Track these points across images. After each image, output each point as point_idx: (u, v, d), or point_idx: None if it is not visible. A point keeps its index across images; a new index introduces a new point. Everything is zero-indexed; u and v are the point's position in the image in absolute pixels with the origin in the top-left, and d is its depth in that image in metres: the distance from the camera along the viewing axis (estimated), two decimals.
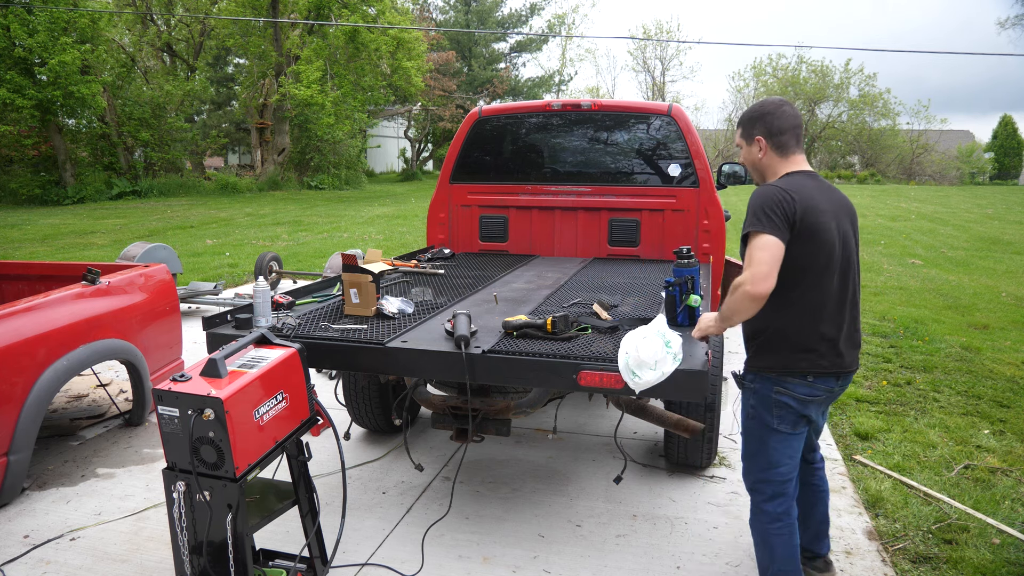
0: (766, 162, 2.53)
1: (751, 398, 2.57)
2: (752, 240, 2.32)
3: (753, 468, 2.60)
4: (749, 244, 2.33)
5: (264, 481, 2.83)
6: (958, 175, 44.75)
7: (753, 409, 2.57)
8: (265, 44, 26.07)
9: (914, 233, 15.84)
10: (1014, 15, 41.89)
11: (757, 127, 2.51)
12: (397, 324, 3.16)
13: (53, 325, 3.80)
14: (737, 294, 2.33)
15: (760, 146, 2.51)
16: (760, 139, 2.51)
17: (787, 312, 2.42)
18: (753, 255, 2.29)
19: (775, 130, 2.49)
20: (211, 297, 7.75)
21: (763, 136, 2.50)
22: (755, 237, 2.31)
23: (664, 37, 48.59)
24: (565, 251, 5.21)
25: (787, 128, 2.48)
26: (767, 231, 2.29)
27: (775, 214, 2.31)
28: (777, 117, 2.49)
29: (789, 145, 2.49)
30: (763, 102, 2.57)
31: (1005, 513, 3.51)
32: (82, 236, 14.27)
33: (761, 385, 2.51)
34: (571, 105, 5.10)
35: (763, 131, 2.50)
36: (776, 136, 2.49)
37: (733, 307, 2.38)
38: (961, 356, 6.28)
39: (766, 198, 2.35)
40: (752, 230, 2.32)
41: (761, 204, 2.34)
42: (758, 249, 2.28)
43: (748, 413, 2.60)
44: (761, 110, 2.53)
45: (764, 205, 2.33)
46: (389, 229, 15.70)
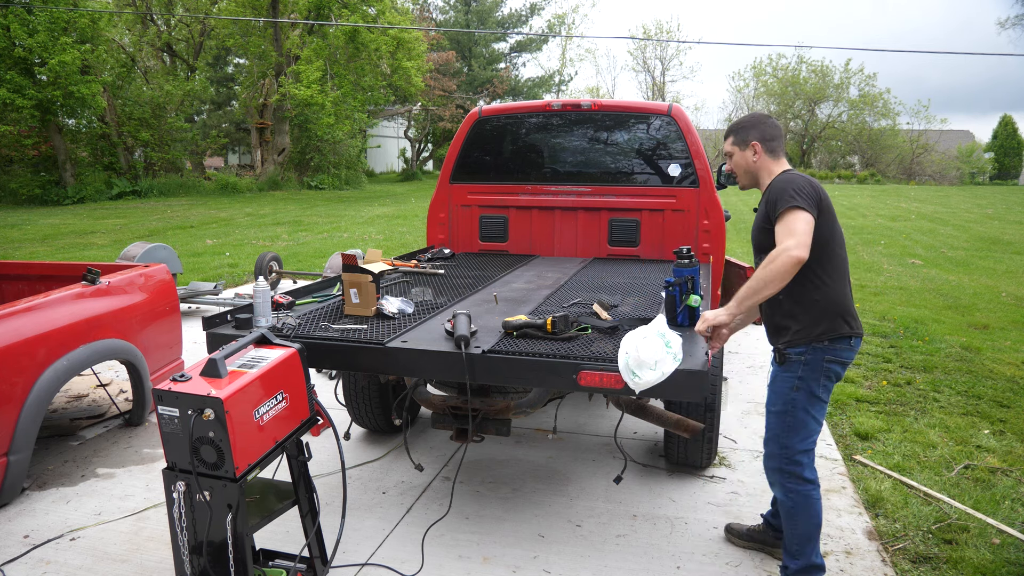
0: (761, 164, 2.79)
1: (799, 370, 2.66)
2: (788, 215, 2.53)
3: (794, 441, 2.69)
4: (786, 219, 2.53)
5: (264, 481, 2.83)
6: (958, 175, 44.77)
7: (800, 381, 2.66)
8: (265, 44, 26.07)
9: (914, 233, 15.84)
10: (1014, 15, 41.92)
11: (752, 133, 2.79)
12: (397, 324, 3.16)
13: (53, 325, 3.80)
14: (779, 261, 2.46)
15: (755, 150, 2.79)
16: (756, 144, 2.78)
17: (830, 280, 2.64)
18: (794, 226, 2.50)
19: (768, 136, 2.79)
20: (211, 297, 7.75)
21: (758, 141, 2.78)
22: (792, 212, 2.52)
23: (664, 37, 48.64)
24: (565, 251, 5.21)
25: (777, 135, 2.81)
26: (802, 207, 2.53)
27: (806, 193, 2.56)
28: (769, 126, 2.81)
29: (779, 149, 2.81)
30: (753, 114, 2.90)
31: (1005, 513, 3.52)
32: (82, 236, 14.28)
33: (813, 356, 2.64)
34: (571, 105, 5.10)
35: (758, 136, 2.78)
36: (769, 141, 2.78)
37: (767, 276, 2.48)
38: (961, 356, 6.28)
39: (794, 181, 2.61)
40: (789, 206, 2.53)
41: (792, 186, 2.59)
42: (798, 221, 2.50)
43: (792, 386, 2.67)
44: (754, 120, 2.85)
45: (794, 186, 2.58)
46: (389, 229, 15.70)
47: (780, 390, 2.71)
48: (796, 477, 2.71)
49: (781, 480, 2.74)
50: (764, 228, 2.67)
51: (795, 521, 2.74)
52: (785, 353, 2.70)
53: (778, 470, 2.74)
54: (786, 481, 2.72)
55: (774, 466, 2.76)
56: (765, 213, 2.67)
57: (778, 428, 2.72)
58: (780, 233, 2.53)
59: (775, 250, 2.50)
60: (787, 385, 2.68)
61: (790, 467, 2.71)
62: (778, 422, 2.72)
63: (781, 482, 2.74)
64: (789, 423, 2.68)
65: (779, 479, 2.75)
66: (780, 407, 2.71)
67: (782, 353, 2.71)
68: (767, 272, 2.48)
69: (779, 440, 2.72)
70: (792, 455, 2.70)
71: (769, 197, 2.65)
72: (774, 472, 2.77)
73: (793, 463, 2.70)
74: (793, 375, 2.67)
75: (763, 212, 2.69)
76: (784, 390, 2.69)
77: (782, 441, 2.71)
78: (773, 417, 2.74)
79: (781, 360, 2.71)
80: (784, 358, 2.70)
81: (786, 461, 2.71)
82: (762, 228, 2.69)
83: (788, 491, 2.73)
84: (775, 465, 2.76)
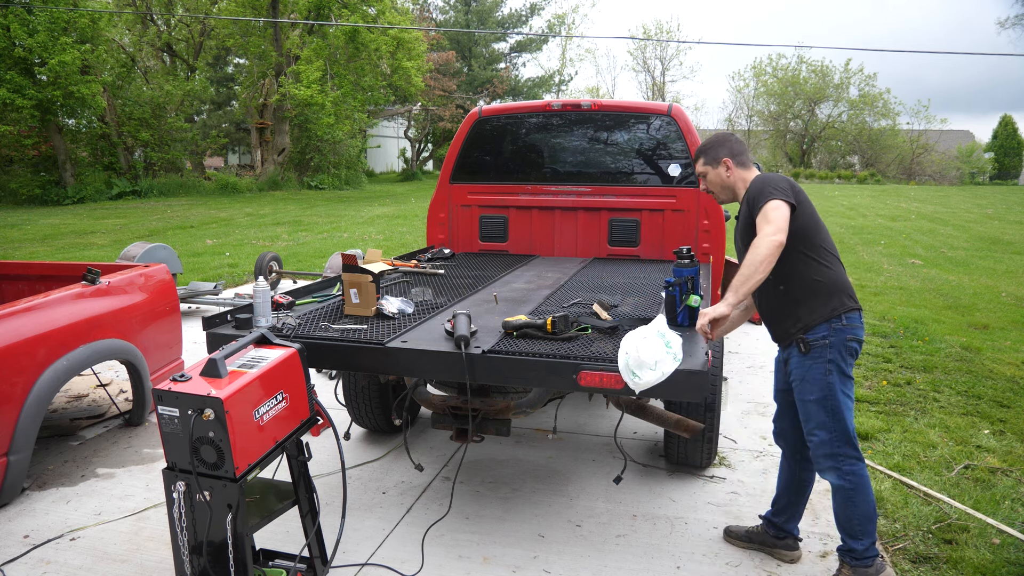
0: (735, 176, 2.95)
1: (827, 353, 2.70)
2: (766, 206, 2.67)
3: (840, 422, 2.71)
4: (764, 210, 2.67)
5: (264, 481, 2.83)
6: (958, 175, 44.75)
7: (831, 364, 2.70)
8: (265, 44, 26.07)
9: (914, 233, 15.84)
10: (1014, 15, 41.91)
11: (722, 151, 2.96)
12: (397, 324, 3.16)
13: (53, 325, 3.80)
14: (761, 246, 2.58)
15: (727, 165, 2.95)
16: (727, 159, 2.95)
17: (825, 261, 2.77)
18: (771, 214, 2.65)
19: (736, 151, 2.98)
20: (211, 297, 7.75)
21: (728, 157, 2.95)
22: (769, 202, 2.68)
23: (664, 37, 48.65)
24: (565, 251, 5.21)
25: (744, 149, 3.01)
26: (778, 197, 2.68)
27: (782, 187, 2.73)
28: (734, 142, 3.01)
29: (748, 161, 2.99)
30: (716, 135, 3.06)
31: (1005, 513, 3.51)
32: (82, 236, 14.28)
33: (835, 337, 2.71)
34: (571, 105, 5.10)
35: (727, 153, 2.96)
36: (739, 155, 2.97)
37: (751, 260, 2.59)
38: (961, 356, 6.28)
39: (770, 179, 2.80)
40: (767, 199, 2.68)
41: (769, 183, 2.76)
42: (773, 210, 2.65)
43: (825, 371, 2.70)
44: (720, 139, 3.02)
45: (771, 183, 2.76)
46: (389, 229, 15.70)
47: (814, 378, 2.72)
48: (850, 457, 2.72)
49: (836, 464, 2.74)
50: (749, 226, 2.79)
51: (855, 502, 2.74)
52: (808, 341, 2.73)
53: (831, 455, 2.74)
54: (842, 464, 2.73)
55: (826, 452, 2.75)
56: (749, 213, 2.80)
57: (822, 415, 2.72)
58: (759, 223, 2.68)
59: (756, 238, 2.63)
60: (819, 371, 2.71)
61: (843, 448, 2.72)
62: (820, 409, 2.72)
63: (836, 466, 2.74)
64: (832, 407, 2.70)
65: (833, 464, 2.74)
66: (818, 395, 2.72)
67: (806, 342, 2.73)
68: (752, 258, 2.59)
69: (826, 427, 2.72)
70: (845, 435, 2.72)
71: (749, 198, 2.81)
72: (827, 458, 2.75)
73: (846, 443, 2.72)
74: (823, 360, 2.70)
75: (746, 213, 2.82)
76: (818, 377, 2.72)
77: (829, 426, 2.72)
78: (813, 406, 2.74)
79: (807, 349, 2.73)
80: (809, 346, 2.73)
81: (839, 443, 2.72)
82: (747, 228, 2.81)
83: (845, 474, 2.73)
84: (827, 451, 2.74)
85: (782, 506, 3.13)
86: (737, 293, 2.61)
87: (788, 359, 2.87)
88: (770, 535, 3.15)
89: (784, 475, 3.12)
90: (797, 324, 2.76)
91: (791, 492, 3.10)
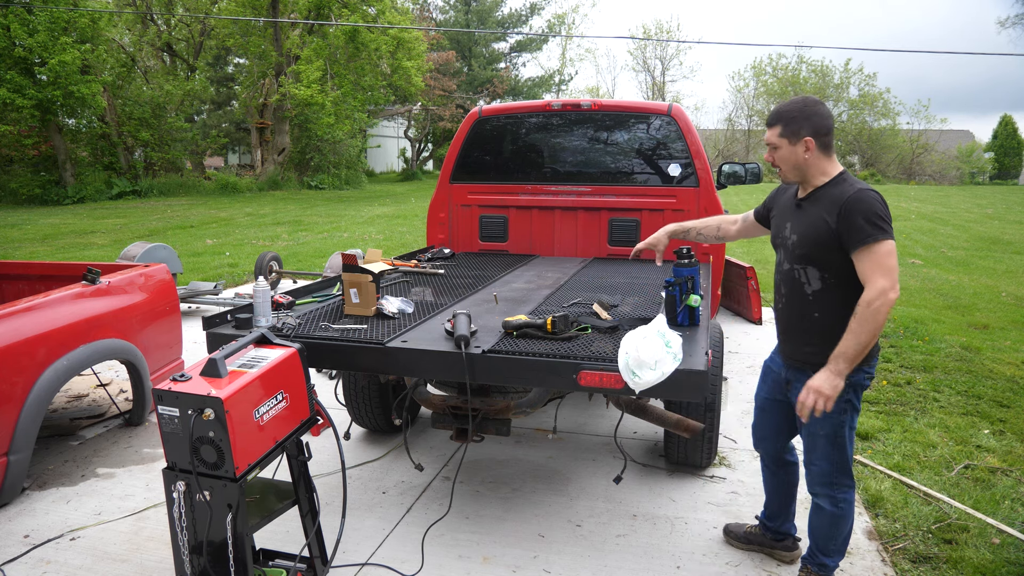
0: (812, 162, 2.54)
1: (847, 392, 2.53)
2: (880, 248, 2.37)
3: (844, 457, 2.64)
4: (878, 253, 2.37)
5: (264, 481, 2.83)
6: (958, 175, 44.75)
7: (848, 404, 2.57)
8: (265, 44, 26.06)
9: (914, 233, 15.84)
10: (1014, 14, 41.93)
11: (805, 127, 2.52)
12: (397, 324, 3.16)
13: (53, 325, 3.80)
14: (880, 307, 2.34)
15: (808, 146, 2.53)
16: (809, 140, 2.52)
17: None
18: (887, 263, 2.37)
19: (822, 130, 2.52)
20: (211, 297, 7.74)
21: (812, 136, 2.52)
22: (884, 244, 2.37)
23: (664, 37, 48.60)
24: (565, 251, 5.21)
25: (831, 127, 2.55)
26: (891, 236, 2.40)
27: (888, 218, 2.42)
28: (822, 117, 2.53)
29: (832, 144, 2.57)
30: (804, 100, 2.57)
31: (1005, 513, 3.51)
32: (82, 236, 14.27)
33: (857, 376, 2.54)
34: (571, 105, 5.10)
35: (811, 131, 2.52)
36: (824, 136, 2.53)
37: (871, 326, 2.35)
38: (961, 356, 6.28)
39: (879, 203, 2.41)
40: (880, 238, 2.37)
41: (880, 210, 2.40)
42: (889, 256, 2.37)
43: (841, 409, 2.55)
44: (806, 109, 2.54)
45: (880, 211, 2.40)
46: (389, 229, 15.70)
47: (828, 415, 2.53)
48: (845, 486, 2.68)
49: (832, 493, 2.68)
50: (828, 246, 2.47)
51: (839, 527, 2.72)
52: None
53: (830, 484, 2.68)
54: (837, 492, 2.68)
55: (825, 481, 2.68)
56: (834, 230, 2.44)
57: (828, 448, 2.63)
58: (871, 269, 2.37)
59: (872, 293, 2.34)
60: (836, 409, 2.53)
61: (841, 478, 2.66)
62: (828, 443, 2.62)
63: (832, 495, 2.68)
64: (840, 443, 2.62)
65: (829, 492, 2.69)
66: (830, 430, 2.59)
67: None
68: (870, 322, 2.34)
69: (830, 459, 2.64)
70: (845, 467, 2.66)
71: (846, 215, 2.41)
72: (825, 487, 2.69)
73: (845, 474, 2.66)
74: (841, 399, 2.52)
75: (831, 227, 2.45)
76: (834, 414, 2.55)
77: (833, 459, 2.64)
78: (822, 440, 2.62)
79: None
80: None
81: (838, 474, 2.66)
82: (825, 244, 2.48)
83: (839, 501, 2.68)
84: (827, 480, 2.68)
85: (774, 510, 3.11)
86: (852, 364, 2.41)
87: (794, 381, 2.69)
88: (768, 537, 3.15)
89: (770, 482, 3.09)
90: (819, 356, 2.51)
91: (780, 496, 3.08)
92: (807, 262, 2.56)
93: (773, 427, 2.94)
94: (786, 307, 2.70)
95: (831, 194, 2.50)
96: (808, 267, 2.57)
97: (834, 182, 2.53)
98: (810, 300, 2.57)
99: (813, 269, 2.56)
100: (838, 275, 2.50)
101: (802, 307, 2.60)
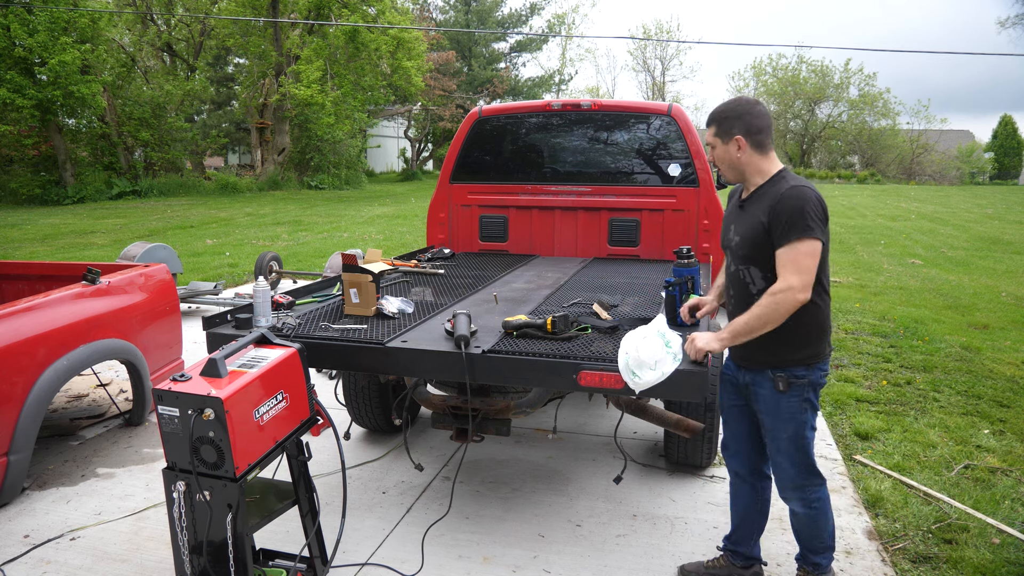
0: (747, 160, 2.57)
1: (805, 391, 2.55)
2: (801, 246, 2.37)
3: (808, 459, 2.63)
4: (797, 250, 2.37)
5: (264, 481, 2.83)
6: (958, 175, 44.77)
7: (807, 402, 2.57)
8: (265, 44, 26.07)
9: (914, 233, 15.83)
10: (1014, 14, 41.91)
11: (736, 126, 2.55)
12: (397, 324, 3.16)
13: (53, 325, 3.80)
14: (782, 301, 2.37)
15: (739, 144, 2.55)
16: (740, 138, 2.54)
17: (820, 302, 2.52)
18: (803, 262, 2.37)
19: (754, 128, 2.54)
20: (211, 297, 7.75)
21: (743, 135, 2.54)
22: (806, 242, 2.37)
23: (664, 37, 48.67)
24: (565, 251, 5.21)
25: (764, 126, 2.55)
26: (817, 236, 2.38)
27: (821, 218, 2.41)
28: (755, 116, 2.55)
29: (767, 142, 2.57)
30: (738, 101, 2.61)
31: (1005, 513, 3.51)
32: (82, 236, 14.27)
33: (813, 375, 2.56)
34: (571, 105, 5.10)
35: (742, 130, 2.54)
36: (755, 134, 2.54)
37: (768, 316, 2.39)
38: (961, 356, 6.28)
39: (813, 201, 2.40)
40: (804, 236, 2.37)
41: (810, 208, 2.38)
42: (808, 256, 2.37)
43: (800, 409, 2.56)
44: (738, 108, 2.57)
45: (813, 210, 2.39)
46: (389, 229, 15.70)
47: (789, 415, 2.57)
48: (814, 485, 2.66)
49: (802, 495, 2.67)
50: (764, 244, 2.48)
51: (819, 524, 2.71)
52: (788, 379, 2.55)
53: (799, 487, 2.66)
54: (808, 493, 2.66)
55: (793, 484, 2.67)
56: (767, 228, 2.45)
57: (792, 450, 2.62)
58: (786, 265, 2.39)
59: (778, 286, 2.38)
60: (795, 409, 2.57)
61: (810, 479, 2.65)
62: (792, 445, 2.61)
63: (803, 497, 2.67)
64: (802, 444, 2.61)
65: (800, 495, 2.67)
66: (791, 431, 2.59)
67: (785, 381, 2.55)
68: (767, 312, 2.39)
69: (794, 459, 2.63)
70: (811, 468, 2.64)
71: (777, 212, 2.42)
72: (794, 490, 2.68)
73: (812, 474, 2.65)
74: (800, 398, 2.56)
75: (765, 225, 2.46)
76: (794, 414, 2.57)
77: (797, 460, 2.63)
78: (785, 442, 2.61)
79: (785, 388, 2.55)
80: (788, 385, 2.55)
81: (806, 475, 2.65)
82: (760, 243, 2.49)
83: (811, 502, 2.67)
84: (794, 484, 2.67)
85: (744, 533, 2.94)
86: (735, 339, 2.48)
87: (751, 384, 2.66)
88: (737, 566, 2.96)
89: (742, 499, 2.92)
90: (771, 358, 2.55)
91: (754, 514, 2.91)
92: (749, 262, 2.57)
93: (744, 435, 2.84)
94: (735, 309, 2.67)
95: (768, 193, 2.51)
96: (750, 267, 2.57)
97: (772, 181, 2.54)
98: (755, 299, 2.53)
99: (755, 269, 2.56)
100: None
101: (747, 306, 2.55)
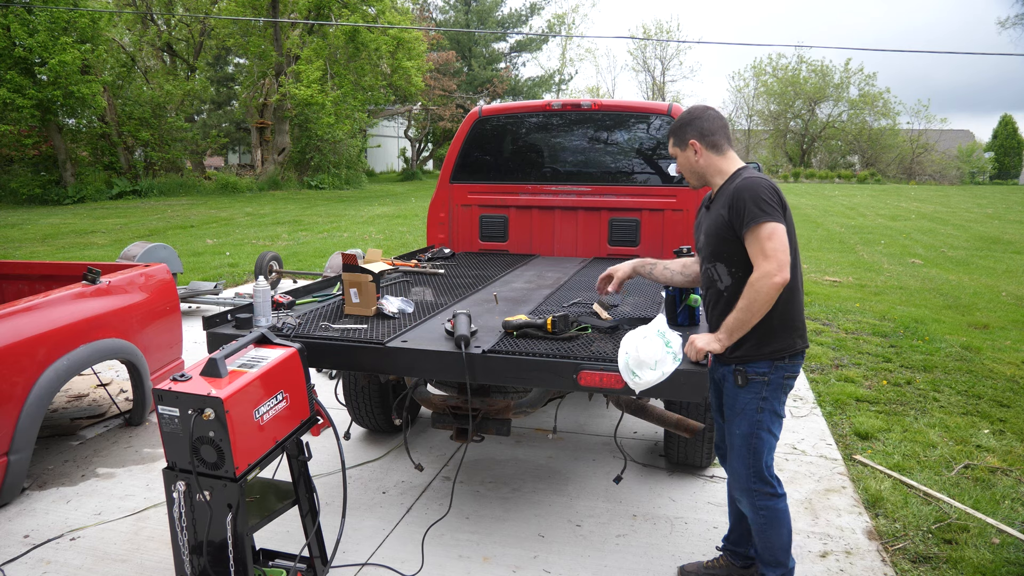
0: (706, 163, 2.63)
1: (763, 390, 2.55)
2: (761, 231, 2.40)
3: (760, 460, 2.60)
4: (759, 236, 2.40)
5: (264, 481, 2.84)
6: (958, 175, 44.78)
7: (764, 402, 2.55)
8: (265, 44, 26.06)
9: (914, 233, 15.83)
10: (1014, 15, 41.93)
11: (689, 131, 2.63)
12: (397, 324, 3.16)
13: (53, 325, 3.80)
14: (760, 288, 2.37)
15: (695, 149, 2.62)
16: (694, 142, 2.62)
17: (788, 294, 2.49)
18: (767, 245, 2.38)
19: (707, 130, 2.61)
20: (211, 297, 7.74)
21: (696, 139, 2.62)
22: (764, 226, 2.39)
23: (664, 37, 48.69)
24: (565, 251, 5.21)
25: (717, 127, 2.62)
26: (774, 219, 2.40)
27: (774, 201, 2.43)
28: (706, 119, 2.62)
29: (722, 143, 2.63)
30: (690, 108, 2.68)
31: (1005, 513, 3.52)
32: (82, 236, 14.27)
33: (775, 374, 2.55)
34: (571, 105, 5.10)
35: (695, 134, 2.62)
36: (709, 136, 2.61)
37: (752, 305, 2.40)
38: (961, 356, 6.28)
39: (762, 187, 2.45)
40: (760, 220, 2.40)
41: (760, 194, 2.43)
42: (769, 239, 2.38)
43: (757, 408, 2.55)
44: (690, 116, 2.65)
45: (763, 194, 2.43)
46: (389, 229, 15.70)
47: (746, 412, 2.58)
48: (766, 494, 2.63)
49: (751, 500, 2.65)
50: (726, 238, 2.52)
51: (768, 535, 2.67)
52: (747, 374, 2.56)
53: (747, 490, 2.65)
54: (756, 499, 2.64)
55: (743, 487, 2.66)
56: (728, 220, 2.49)
57: (744, 449, 2.62)
58: (755, 254, 2.42)
59: (754, 275, 2.40)
60: (752, 407, 2.57)
61: (758, 485, 2.62)
62: (744, 444, 2.61)
63: (751, 501, 2.66)
64: (754, 446, 2.59)
65: (748, 499, 2.66)
66: (745, 430, 2.59)
67: (744, 375, 2.56)
68: (750, 301, 2.40)
69: (745, 461, 2.62)
70: (760, 473, 2.62)
71: (733, 204, 2.47)
72: (742, 492, 2.67)
73: (762, 481, 2.62)
74: (756, 396, 2.56)
75: (725, 218, 2.50)
76: (750, 412, 2.57)
77: (748, 461, 2.62)
78: (738, 439, 2.61)
79: (744, 383, 2.56)
80: (747, 380, 2.56)
81: (754, 480, 2.63)
82: (723, 237, 2.53)
83: (758, 508, 2.64)
84: (743, 486, 2.66)
85: (741, 533, 2.95)
86: (732, 336, 2.48)
87: (722, 380, 2.68)
88: (736, 566, 2.97)
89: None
90: (737, 350, 2.55)
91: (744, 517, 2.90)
92: (715, 259, 2.60)
93: None
94: (708, 307, 2.72)
95: (727, 189, 2.56)
96: (717, 264, 2.60)
97: (731, 179, 2.59)
98: (724, 296, 2.57)
99: (721, 265, 2.58)
100: (743, 267, 2.51)
101: (718, 304, 2.62)
